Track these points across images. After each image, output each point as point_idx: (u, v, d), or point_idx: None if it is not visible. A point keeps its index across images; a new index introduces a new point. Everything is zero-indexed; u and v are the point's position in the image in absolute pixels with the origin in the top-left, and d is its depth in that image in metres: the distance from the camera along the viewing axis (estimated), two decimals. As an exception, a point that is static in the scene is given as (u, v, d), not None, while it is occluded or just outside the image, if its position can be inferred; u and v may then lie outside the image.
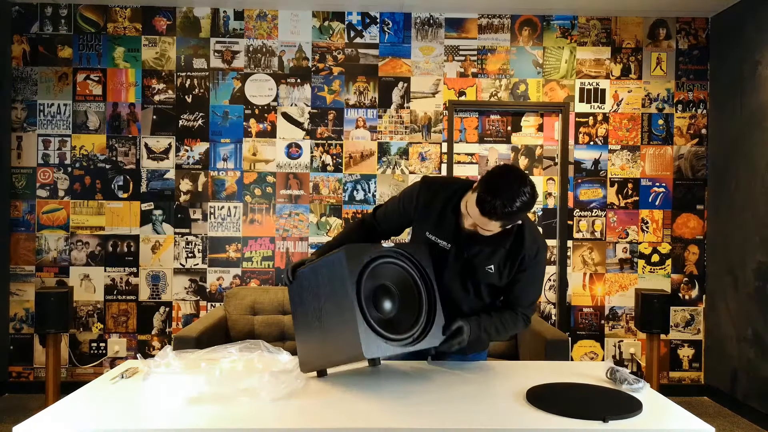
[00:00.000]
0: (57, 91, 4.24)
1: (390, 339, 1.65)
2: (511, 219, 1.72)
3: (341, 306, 1.66)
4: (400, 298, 1.76)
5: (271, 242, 4.29)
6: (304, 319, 1.81)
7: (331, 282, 1.70)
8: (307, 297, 1.79)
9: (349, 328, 1.62)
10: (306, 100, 4.30)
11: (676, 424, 1.50)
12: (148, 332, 4.25)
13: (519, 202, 1.66)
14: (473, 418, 1.50)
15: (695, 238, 4.37)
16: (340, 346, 1.67)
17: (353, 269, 1.65)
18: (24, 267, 4.21)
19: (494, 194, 1.65)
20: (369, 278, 1.68)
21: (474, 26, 4.34)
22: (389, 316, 1.73)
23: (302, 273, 1.83)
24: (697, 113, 4.38)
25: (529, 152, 4.33)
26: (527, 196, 1.67)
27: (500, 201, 1.65)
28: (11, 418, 3.64)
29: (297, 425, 1.46)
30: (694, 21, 4.37)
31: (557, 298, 4.32)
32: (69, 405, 1.57)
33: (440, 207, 1.90)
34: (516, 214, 1.69)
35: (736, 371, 3.99)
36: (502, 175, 1.70)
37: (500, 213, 1.66)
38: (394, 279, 1.77)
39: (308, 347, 1.80)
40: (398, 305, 1.75)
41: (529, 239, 1.88)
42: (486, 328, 1.92)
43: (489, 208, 1.67)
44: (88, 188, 4.24)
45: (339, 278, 1.66)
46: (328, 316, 1.71)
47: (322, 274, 1.74)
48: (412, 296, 1.77)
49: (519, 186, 1.67)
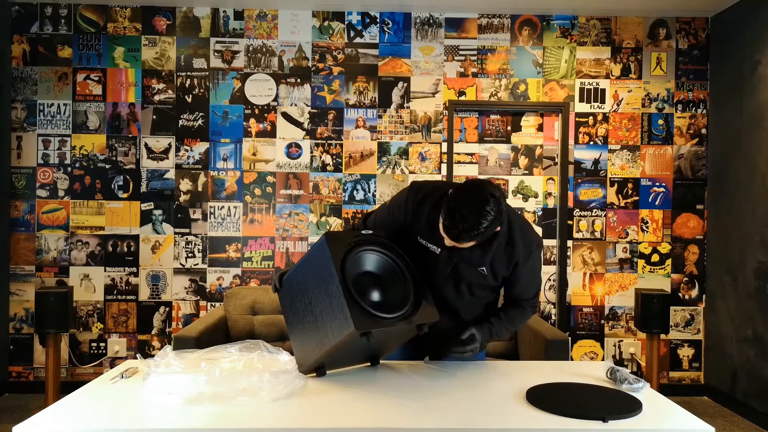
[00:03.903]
0: (57, 91, 4.24)
1: (380, 317, 1.68)
2: (483, 237, 1.72)
3: (329, 290, 1.69)
4: (386, 283, 1.80)
5: (271, 242, 4.29)
6: (296, 318, 1.83)
7: (317, 270, 1.74)
8: (297, 296, 1.82)
9: (338, 307, 1.65)
10: (306, 99, 4.30)
11: (676, 424, 1.50)
12: (148, 332, 4.25)
13: (485, 222, 1.65)
14: (473, 418, 1.51)
15: (695, 238, 4.37)
16: (332, 329, 1.69)
17: (336, 252, 1.70)
18: (24, 267, 4.21)
19: (456, 221, 1.65)
20: (352, 264, 1.73)
21: (474, 26, 4.34)
22: (378, 300, 1.76)
23: (289, 276, 1.86)
24: (697, 113, 4.38)
25: (529, 152, 4.33)
26: (492, 214, 1.66)
27: (465, 225, 1.65)
28: (11, 418, 3.64)
29: (297, 425, 1.46)
30: (694, 21, 4.37)
31: (557, 298, 4.32)
32: (69, 405, 1.57)
33: (428, 212, 1.89)
34: (485, 233, 1.69)
35: (736, 371, 3.99)
36: (462, 198, 1.68)
37: (468, 236, 1.67)
38: (377, 266, 1.81)
39: (304, 345, 1.81)
40: (385, 289, 1.79)
41: (519, 243, 1.87)
42: (497, 332, 1.95)
43: (456, 234, 1.68)
44: (88, 188, 4.24)
45: (323, 263, 1.70)
46: (318, 305, 1.73)
47: (308, 266, 1.79)
48: (397, 279, 1.81)
49: (481, 206, 1.65)
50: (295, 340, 1.84)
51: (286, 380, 1.65)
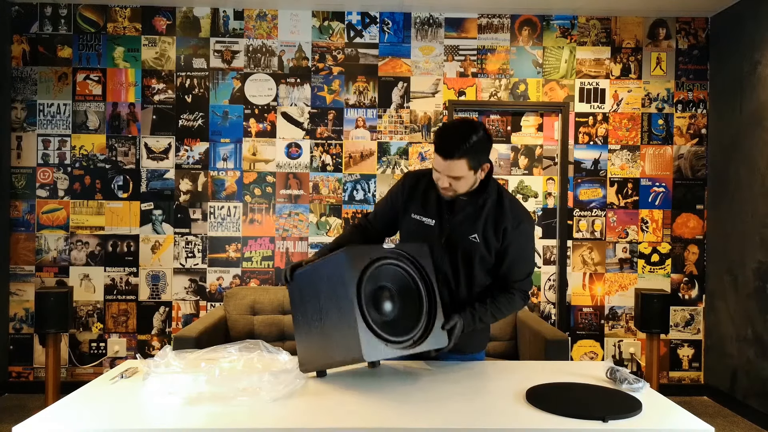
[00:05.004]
0: (57, 91, 4.24)
1: (390, 341, 1.65)
2: (472, 155, 1.79)
3: (342, 308, 1.65)
4: (401, 300, 1.76)
5: (271, 242, 4.29)
6: (304, 318, 1.81)
7: (332, 283, 1.69)
8: (308, 297, 1.79)
9: (350, 330, 1.62)
10: (306, 99, 4.30)
11: (675, 424, 1.50)
12: (148, 332, 4.25)
13: (475, 137, 1.78)
14: (473, 418, 1.50)
15: (695, 238, 4.37)
16: (340, 348, 1.67)
17: (354, 271, 1.64)
18: (24, 267, 4.21)
19: (448, 133, 1.81)
20: (370, 280, 1.68)
21: (474, 26, 4.34)
22: (389, 318, 1.72)
23: (302, 272, 1.82)
24: (696, 113, 4.38)
25: (528, 152, 4.33)
26: (481, 133, 1.80)
27: (456, 137, 1.78)
28: (11, 418, 3.64)
29: (297, 425, 1.46)
30: (694, 21, 4.37)
31: (557, 298, 4.32)
32: (69, 405, 1.57)
33: (424, 187, 2.02)
34: (473, 149, 1.78)
35: (736, 371, 3.99)
36: (454, 121, 1.90)
37: (459, 150, 1.76)
38: (395, 280, 1.76)
39: (308, 347, 1.80)
40: (399, 307, 1.75)
41: (508, 206, 1.96)
42: (481, 317, 1.94)
43: (447, 147, 1.77)
44: (87, 188, 4.24)
45: (339, 279, 1.66)
46: (329, 317, 1.71)
47: (323, 274, 1.74)
48: (412, 298, 1.77)
49: (471, 125, 1.82)
50: (300, 339, 1.83)
51: (286, 380, 1.65)
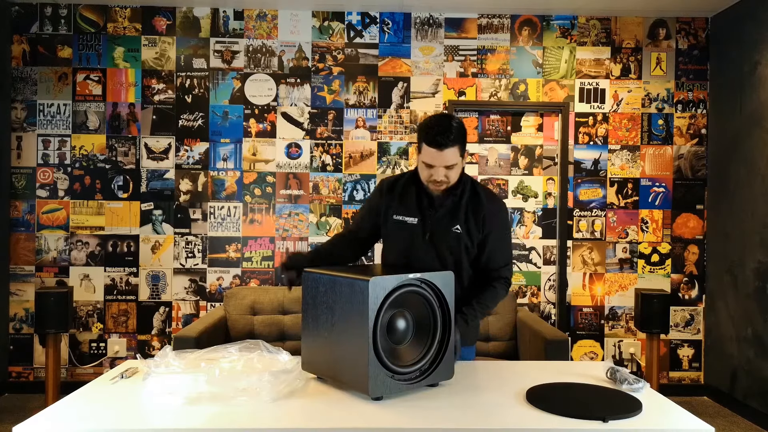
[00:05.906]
0: (57, 91, 4.24)
1: (397, 373, 1.64)
2: (460, 140, 1.98)
3: (355, 334, 1.63)
4: (415, 327, 1.74)
5: (271, 242, 4.29)
6: (314, 323, 1.78)
7: (349, 305, 1.66)
8: (321, 304, 1.76)
9: (359, 361, 1.61)
10: (306, 100, 4.30)
11: (676, 424, 1.50)
12: (148, 332, 4.25)
13: (455, 124, 1.97)
14: (473, 418, 1.50)
15: (695, 238, 4.37)
16: (346, 374, 1.67)
17: (374, 304, 1.61)
18: (24, 267, 4.21)
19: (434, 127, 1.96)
20: (389, 308, 1.66)
21: (474, 26, 4.34)
22: (401, 345, 1.71)
23: (320, 278, 1.78)
24: (696, 113, 4.38)
25: (528, 152, 4.33)
26: (458, 122, 2.00)
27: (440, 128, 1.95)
28: (11, 418, 3.64)
29: (297, 425, 1.46)
30: (694, 21, 4.37)
31: (557, 298, 4.32)
32: (69, 405, 1.57)
33: (400, 190, 2.13)
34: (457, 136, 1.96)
35: (736, 371, 3.99)
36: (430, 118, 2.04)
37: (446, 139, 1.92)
38: (413, 307, 1.73)
39: (313, 351, 1.79)
40: (412, 334, 1.74)
41: (483, 196, 2.09)
42: (471, 319, 2.02)
43: (440, 138, 1.93)
44: (87, 188, 4.24)
45: (358, 307, 1.63)
46: (339, 336, 1.69)
47: (342, 293, 1.69)
48: (427, 326, 1.75)
49: (448, 117, 2.02)
50: (307, 340, 1.81)
51: (286, 380, 1.65)
